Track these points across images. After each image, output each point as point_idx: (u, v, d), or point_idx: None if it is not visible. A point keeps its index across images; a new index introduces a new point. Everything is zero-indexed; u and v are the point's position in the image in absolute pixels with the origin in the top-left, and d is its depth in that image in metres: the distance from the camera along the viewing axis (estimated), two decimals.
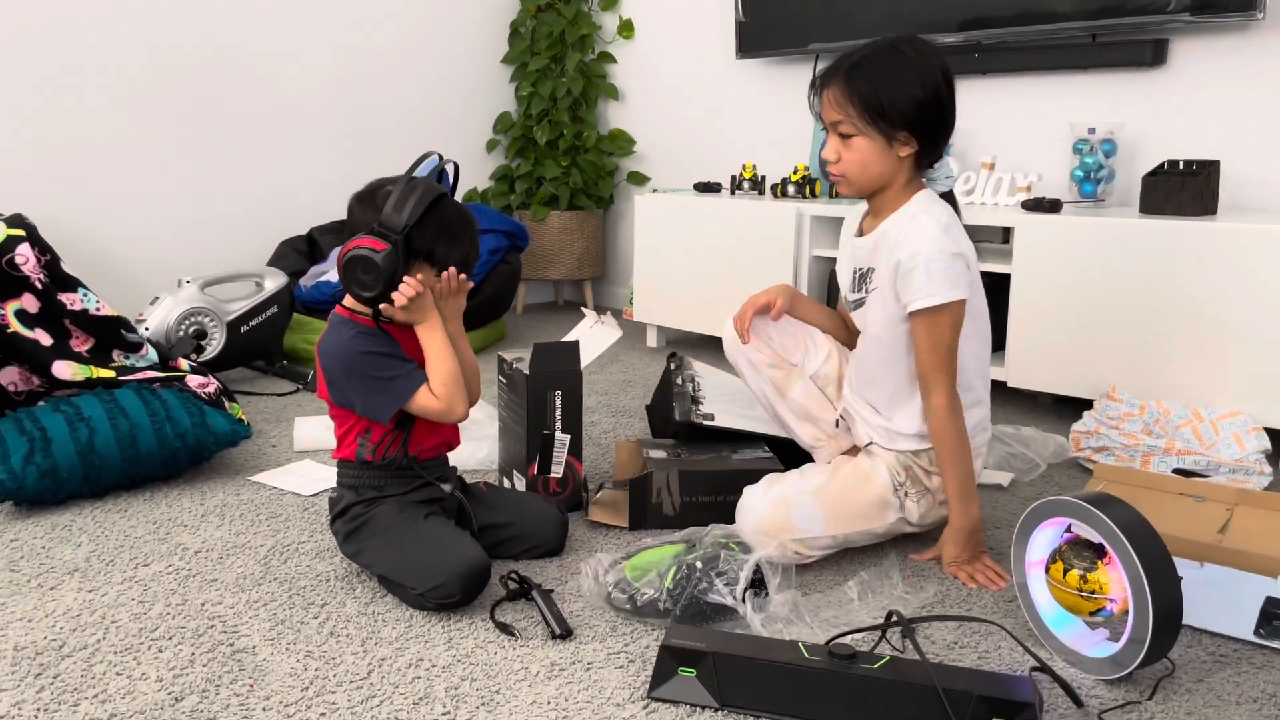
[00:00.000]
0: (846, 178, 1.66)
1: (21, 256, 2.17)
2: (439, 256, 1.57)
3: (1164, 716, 1.25)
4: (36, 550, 1.73)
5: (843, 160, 1.64)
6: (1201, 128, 2.65)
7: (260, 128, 3.55)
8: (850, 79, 1.60)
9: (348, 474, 1.64)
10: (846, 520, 1.68)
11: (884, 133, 1.60)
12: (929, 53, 1.61)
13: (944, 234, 1.61)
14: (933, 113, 1.60)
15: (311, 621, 1.48)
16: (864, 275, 1.73)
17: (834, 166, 1.66)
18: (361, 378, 1.57)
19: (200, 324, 2.82)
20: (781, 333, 1.89)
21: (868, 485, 1.71)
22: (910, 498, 1.71)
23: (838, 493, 1.69)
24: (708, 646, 1.28)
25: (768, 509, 1.66)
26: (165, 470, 2.04)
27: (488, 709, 1.26)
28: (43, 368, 2.12)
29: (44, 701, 1.26)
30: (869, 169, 1.64)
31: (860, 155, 1.63)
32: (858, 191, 1.68)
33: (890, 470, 1.71)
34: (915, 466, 1.72)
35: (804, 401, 1.87)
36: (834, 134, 1.65)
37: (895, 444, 1.73)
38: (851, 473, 1.73)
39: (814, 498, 1.68)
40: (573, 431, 1.88)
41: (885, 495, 1.70)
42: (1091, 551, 1.34)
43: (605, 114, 4.20)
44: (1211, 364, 2.23)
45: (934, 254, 1.59)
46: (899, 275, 1.63)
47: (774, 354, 1.88)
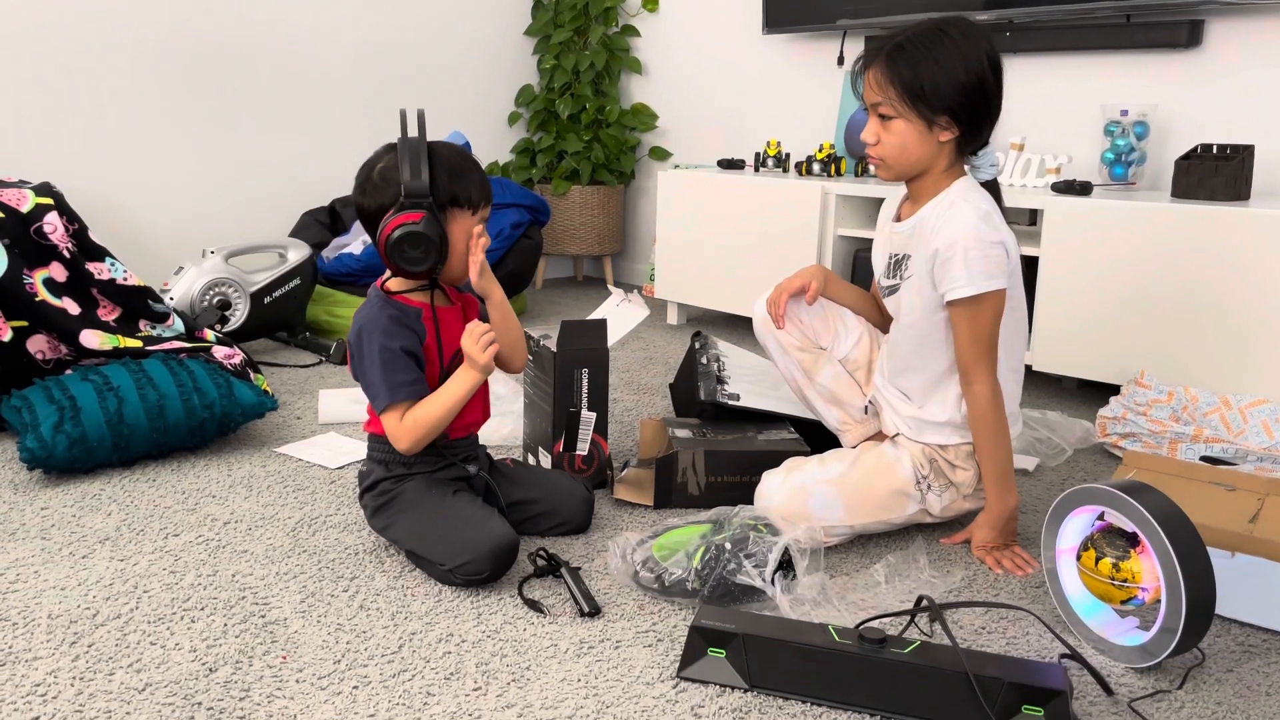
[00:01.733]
0: (885, 161, 1.64)
1: (50, 225, 2.17)
2: (463, 197, 1.56)
3: (1194, 706, 1.25)
4: (67, 519, 1.75)
5: (881, 143, 1.62)
6: (1236, 111, 2.62)
7: (283, 99, 3.54)
8: (892, 60, 1.57)
9: (378, 449, 1.64)
10: (865, 510, 1.68)
11: (924, 116, 1.58)
12: (976, 36, 1.58)
13: (984, 222, 1.59)
14: (976, 98, 1.58)
15: (341, 595, 1.49)
16: (899, 261, 1.71)
17: (873, 149, 1.64)
18: (371, 362, 1.56)
19: (224, 295, 2.82)
20: (812, 315, 1.87)
21: (889, 476, 1.70)
22: (933, 490, 1.70)
23: (857, 482, 1.69)
24: (738, 628, 1.28)
25: (785, 497, 1.67)
26: (192, 441, 2.05)
27: (518, 685, 1.27)
28: (70, 336, 2.13)
29: (79, 670, 1.28)
30: (908, 153, 1.61)
31: (899, 139, 1.60)
32: (896, 176, 1.66)
33: (915, 462, 1.70)
34: (941, 460, 1.71)
35: (832, 386, 1.86)
36: (874, 115, 1.62)
37: (924, 436, 1.72)
38: (874, 462, 1.72)
39: (833, 486, 1.67)
40: (599, 409, 1.88)
41: (906, 487, 1.69)
42: (1124, 540, 1.33)
43: (628, 88, 4.17)
44: (1241, 351, 2.21)
45: (972, 242, 1.57)
46: (936, 263, 1.61)
47: (804, 337, 1.86)
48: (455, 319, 1.64)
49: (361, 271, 3.21)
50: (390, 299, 1.60)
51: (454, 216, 1.56)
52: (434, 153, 1.55)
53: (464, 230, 1.56)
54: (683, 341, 3.19)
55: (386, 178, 1.54)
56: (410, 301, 1.60)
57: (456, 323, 1.64)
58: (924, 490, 1.70)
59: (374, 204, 1.56)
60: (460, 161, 1.57)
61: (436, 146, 1.57)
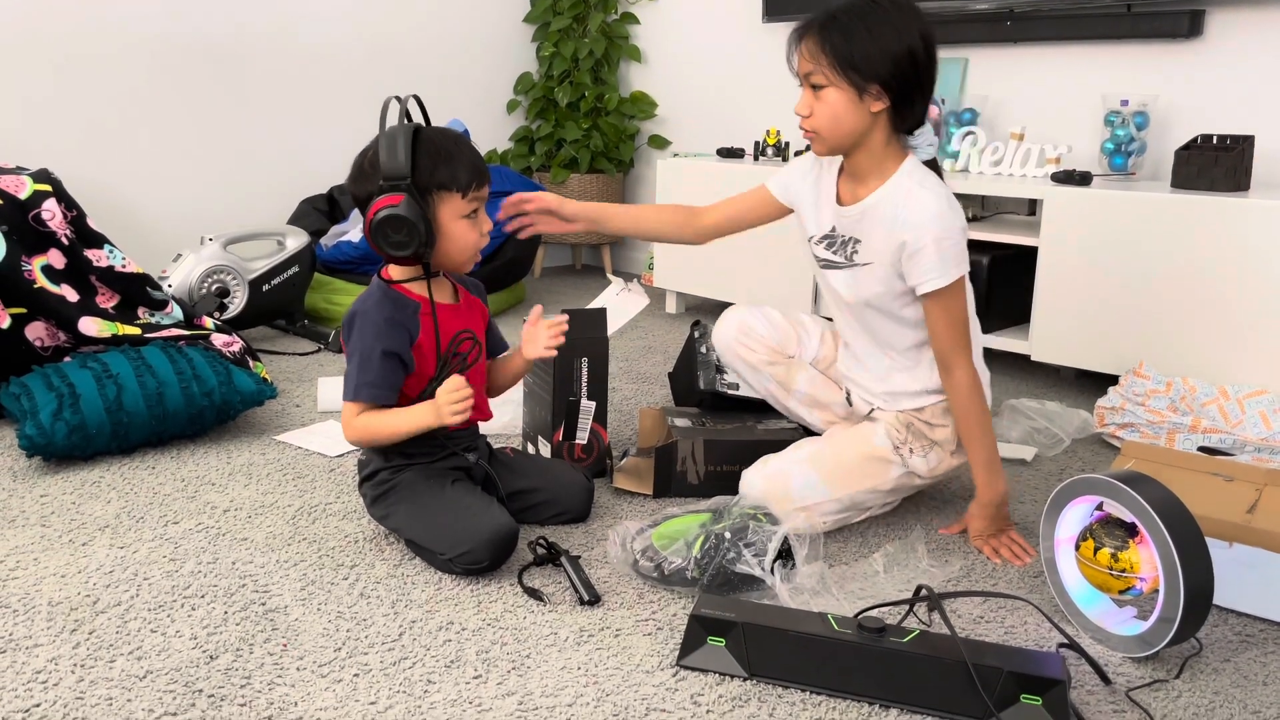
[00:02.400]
0: (819, 133, 1.62)
1: (48, 212, 2.17)
2: (449, 179, 1.53)
3: (1191, 695, 1.26)
4: (66, 506, 1.75)
5: (814, 114, 1.61)
6: (1237, 102, 2.61)
7: (282, 86, 3.53)
8: (825, 30, 1.57)
9: None
10: (847, 480, 1.68)
11: (855, 84, 1.57)
12: (908, 9, 1.58)
13: (949, 208, 1.60)
14: (906, 68, 1.56)
15: (341, 583, 1.49)
16: (845, 243, 1.71)
17: (806, 121, 1.63)
18: (351, 352, 1.57)
19: (223, 282, 2.82)
20: (772, 327, 1.89)
21: (864, 444, 1.71)
22: (915, 453, 1.71)
23: (833, 455, 1.70)
24: (737, 617, 1.29)
25: (764, 483, 1.67)
26: (192, 428, 2.05)
27: (519, 673, 1.27)
28: (69, 323, 2.13)
29: (80, 657, 1.28)
30: (840, 123, 1.60)
31: (831, 109, 1.59)
32: (830, 149, 1.65)
33: (889, 430, 1.71)
34: (917, 421, 1.72)
35: (809, 390, 1.87)
36: (807, 87, 1.62)
37: (899, 405, 1.74)
38: (848, 435, 1.74)
39: (809, 464, 1.68)
40: (598, 399, 1.88)
41: (884, 453, 1.70)
42: (1123, 530, 1.34)
43: (627, 76, 4.16)
44: (1239, 341, 2.22)
45: (943, 232, 1.58)
46: (905, 255, 1.61)
47: (770, 350, 1.88)
48: (456, 316, 1.63)
49: (360, 259, 3.20)
50: (390, 289, 1.59)
51: (442, 199, 1.54)
52: (421, 136, 1.53)
53: (454, 213, 1.55)
54: (682, 330, 3.19)
55: (375, 165, 1.53)
56: (410, 293, 1.59)
57: (457, 320, 1.63)
58: (905, 455, 1.70)
59: (364, 192, 1.55)
60: (446, 143, 1.55)
61: (426, 130, 1.55)
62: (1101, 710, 1.22)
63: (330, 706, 1.19)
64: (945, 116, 3.05)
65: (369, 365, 1.54)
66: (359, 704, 1.20)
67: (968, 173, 2.89)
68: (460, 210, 1.55)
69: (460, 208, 1.55)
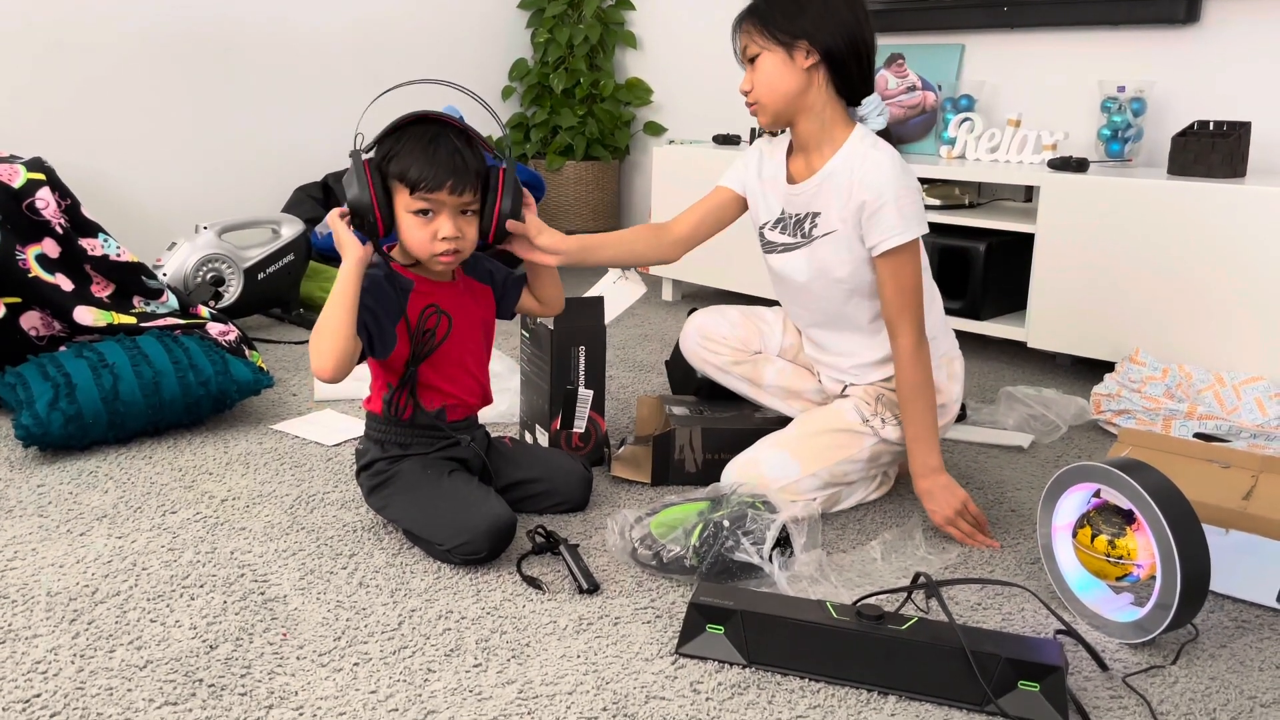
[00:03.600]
0: (760, 103, 1.66)
1: (42, 201, 2.16)
2: (399, 172, 1.50)
3: (1187, 681, 1.27)
4: (64, 496, 1.75)
5: (754, 86, 1.65)
6: (1233, 88, 2.61)
7: (275, 73, 3.51)
8: (754, 10, 1.65)
9: (374, 428, 1.64)
10: (819, 455, 1.69)
11: (782, 43, 1.61)
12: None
13: (903, 169, 1.62)
14: (830, 23, 1.60)
15: (340, 572, 1.49)
16: (801, 220, 1.72)
17: (749, 96, 1.67)
18: None
19: (218, 270, 2.81)
20: (733, 328, 1.91)
21: (834, 419, 1.73)
22: (888, 423, 1.72)
23: (800, 434, 1.72)
24: (736, 604, 1.29)
25: (738, 473, 1.69)
26: (188, 418, 2.04)
27: (518, 661, 1.27)
28: (64, 313, 2.12)
29: (79, 647, 1.28)
30: (776, 86, 1.63)
31: (766, 74, 1.63)
32: (773, 117, 1.67)
33: (857, 405, 1.73)
34: (887, 392, 1.74)
35: (780, 381, 1.89)
36: (746, 62, 1.67)
37: (868, 377, 1.76)
38: (816, 414, 1.76)
39: (778, 447, 1.70)
40: (596, 387, 1.88)
41: (853, 425, 1.72)
42: (1120, 517, 1.34)
43: (623, 62, 4.14)
44: (1236, 328, 2.22)
45: (901, 189, 1.60)
46: (864, 216, 1.62)
47: (733, 350, 1.90)
48: (448, 296, 1.62)
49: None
50: (386, 264, 1.57)
51: (395, 188, 1.52)
52: (414, 125, 1.53)
53: (403, 206, 1.51)
54: (678, 318, 3.19)
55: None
56: (405, 273, 1.59)
57: (449, 300, 1.62)
58: (875, 426, 1.71)
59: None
60: (424, 138, 1.50)
61: (427, 122, 1.54)
62: (1099, 696, 1.23)
63: (331, 695, 1.19)
64: (942, 103, 3.04)
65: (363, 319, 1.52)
66: (359, 693, 1.20)
67: (964, 159, 2.89)
68: (407, 205, 1.51)
69: (407, 202, 1.51)
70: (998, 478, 1.93)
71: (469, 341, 1.66)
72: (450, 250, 1.53)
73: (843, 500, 1.75)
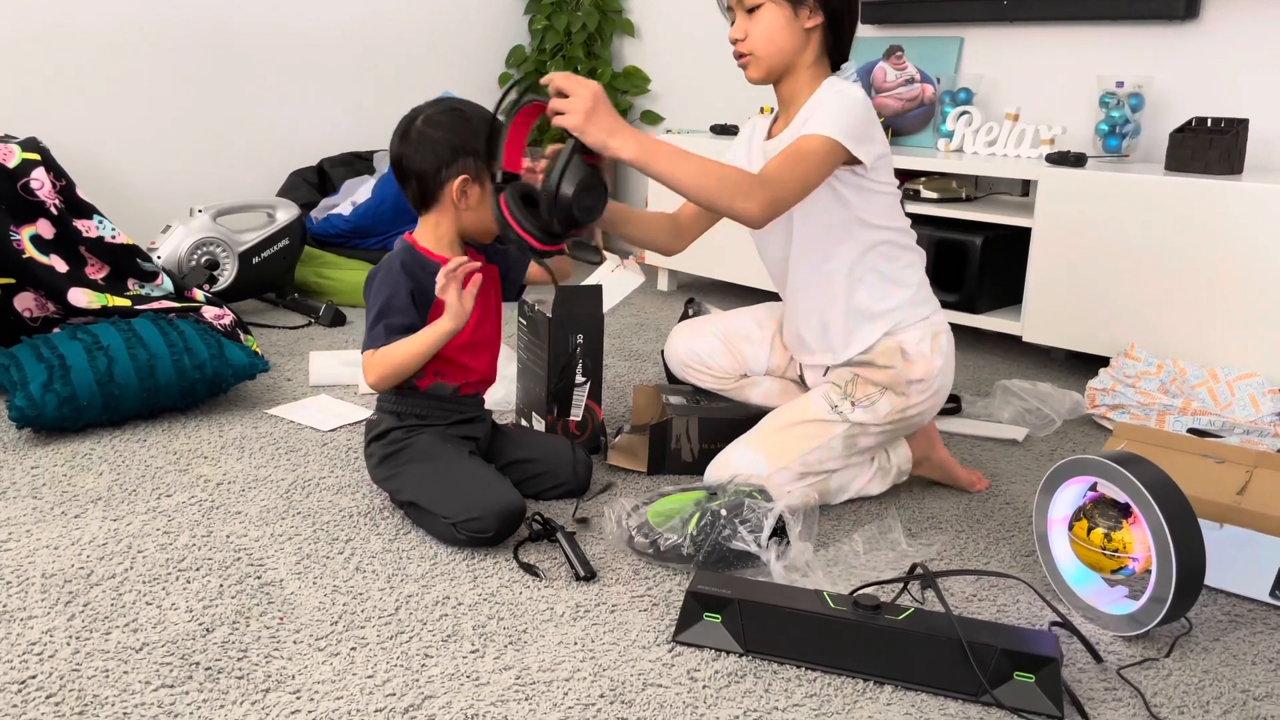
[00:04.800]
0: (755, 55, 1.63)
1: (37, 181, 2.14)
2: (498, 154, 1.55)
3: (1181, 674, 1.28)
4: (58, 478, 1.74)
5: (749, 36, 1.63)
6: (1232, 84, 2.62)
7: (272, 57, 3.49)
8: None
9: (390, 400, 1.65)
10: (785, 448, 1.66)
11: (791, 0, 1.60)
12: None
13: (856, 99, 1.58)
14: None
15: (337, 556, 1.49)
16: None
17: (741, 45, 1.64)
18: (374, 301, 1.60)
19: (212, 254, 2.79)
20: (716, 356, 1.90)
21: (800, 412, 1.70)
22: (858, 405, 1.67)
23: (767, 430, 1.70)
24: (734, 593, 1.29)
25: (710, 474, 1.69)
26: (183, 401, 2.04)
27: (515, 647, 1.27)
28: (58, 294, 2.11)
29: (75, 629, 1.28)
30: (775, 40, 1.61)
31: (767, 27, 1.61)
32: (765, 72, 1.65)
33: (825, 394, 1.70)
34: (860, 375, 1.69)
35: (765, 402, 1.89)
36: (740, 13, 1.63)
37: (850, 349, 1.72)
38: (784, 407, 1.74)
39: (747, 446, 1.69)
40: (593, 376, 1.88)
41: (820, 414, 1.68)
42: (1116, 511, 1.35)
43: (620, 50, 4.13)
44: (1231, 325, 2.23)
45: (849, 104, 1.57)
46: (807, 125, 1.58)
47: (717, 379, 1.91)
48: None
49: (350, 233, 3.18)
50: (414, 249, 1.62)
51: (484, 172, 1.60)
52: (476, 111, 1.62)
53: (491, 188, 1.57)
54: (674, 308, 3.19)
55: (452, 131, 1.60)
56: (431, 255, 1.61)
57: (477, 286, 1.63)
58: (844, 412, 1.68)
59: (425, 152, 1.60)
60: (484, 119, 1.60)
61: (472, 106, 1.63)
62: (1093, 688, 1.23)
63: (328, 679, 1.19)
64: (940, 95, 3.04)
65: (393, 306, 1.57)
66: (356, 677, 1.20)
67: (962, 152, 2.89)
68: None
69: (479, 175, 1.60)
70: (992, 470, 1.94)
71: (490, 319, 1.70)
72: None
73: (838, 492, 1.74)
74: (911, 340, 1.69)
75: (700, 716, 1.16)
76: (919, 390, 1.69)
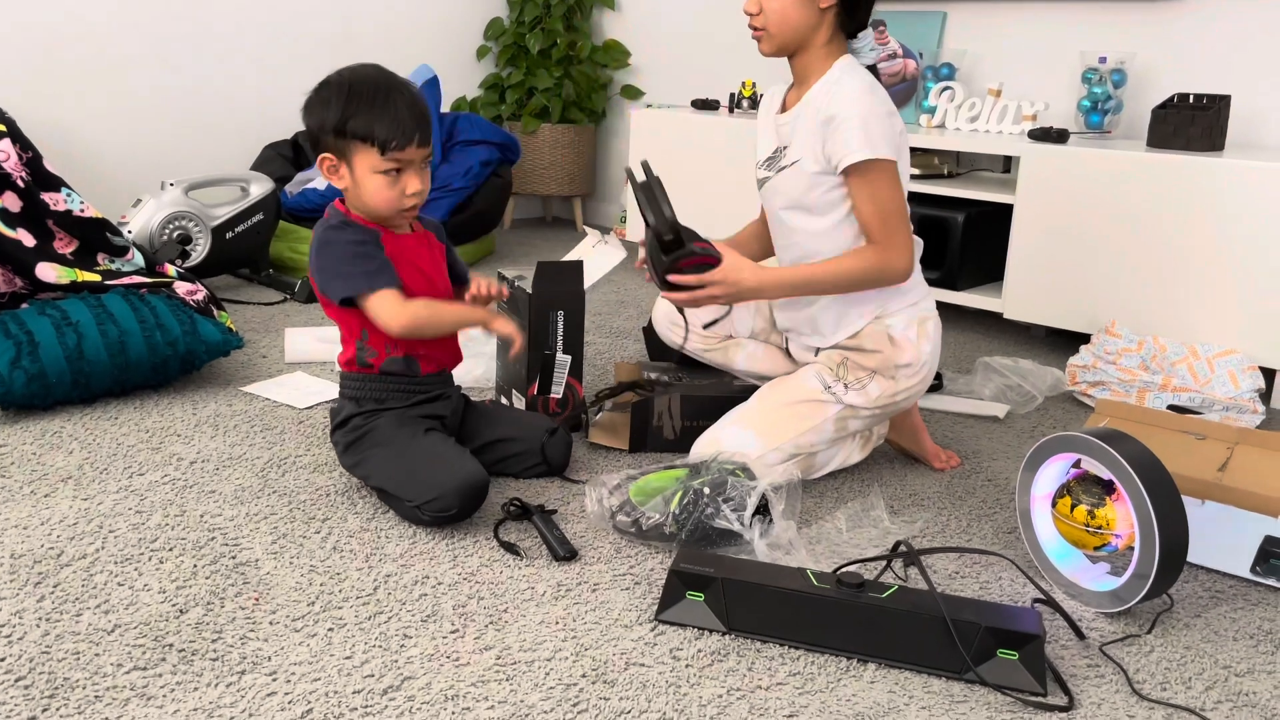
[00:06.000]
0: (768, 31, 1.62)
1: (2, 153, 2.09)
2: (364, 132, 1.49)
3: (1163, 650, 1.28)
4: (27, 456, 1.70)
5: (764, 11, 1.61)
6: (1214, 61, 2.61)
7: (245, 27, 3.42)
8: None
9: (349, 385, 1.61)
10: (780, 428, 1.65)
11: None
12: None
13: (872, 92, 1.59)
14: None
15: (314, 536, 1.47)
16: (780, 152, 1.69)
17: (755, 19, 1.63)
18: (331, 256, 1.54)
19: (185, 229, 2.74)
20: (700, 314, 1.87)
21: (794, 391, 1.69)
22: (851, 388, 1.67)
23: (760, 409, 1.69)
24: (716, 572, 1.28)
25: (697, 451, 1.67)
26: (155, 378, 2.00)
27: (496, 627, 1.26)
28: (26, 269, 2.06)
29: (45, 610, 1.25)
30: (789, 18, 1.60)
31: (781, 4, 1.59)
32: (777, 47, 1.64)
33: (819, 372, 1.69)
34: (852, 353, 1.68)
35: (749, 367, 1.88)
36: None
37: (836, 335, 1.71)
38: (777, 386, 1.72)
39: (738, 424, 1.67)
40: (574, 353, 1.86)
41: (814, 395, 1.67)
42: (1100, 487, 1.34)
43: (600, 23, 4.08)
44: (1210, 301, 2.23)
45: (870, 110, 1.56)
46: (829, 132, 1.58)
47: (702, 338, 1.89)
48: (413, 248, 1.60)
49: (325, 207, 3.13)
50: (348, 218, 1.57)
51: (356, 149, 1.50)
52: (357, 81, 1.51)
53: (368, 167, 1.50)
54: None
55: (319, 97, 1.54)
56: (365, 222, 1.57)
57: (414, 252, 1.60)
58: (838, 393, 1.67)
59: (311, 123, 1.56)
60: (378, 94, 1.50)
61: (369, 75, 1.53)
62: (1076, 665, 1.23)
63: (305, 660, 1.17)
64: (923, 71, 3.02)
65: (367, 256, 1.53)
66: (334, 658, 1.18)
67: (944, 128, 2.87)
68: (374, 165, 1.50)
69: (374, 163, 1.50)
70: (974, 447, 1.93)
71: (439, 293, 1.63)
72: (416, 205, 1.55)
73: (821, 466, 1.73)
74: (899, 326, 1.67)
75: (683, 696, 1.14)
76: (906, 375, 1.68)
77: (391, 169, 1.50)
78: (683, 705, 1.13)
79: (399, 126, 1.49)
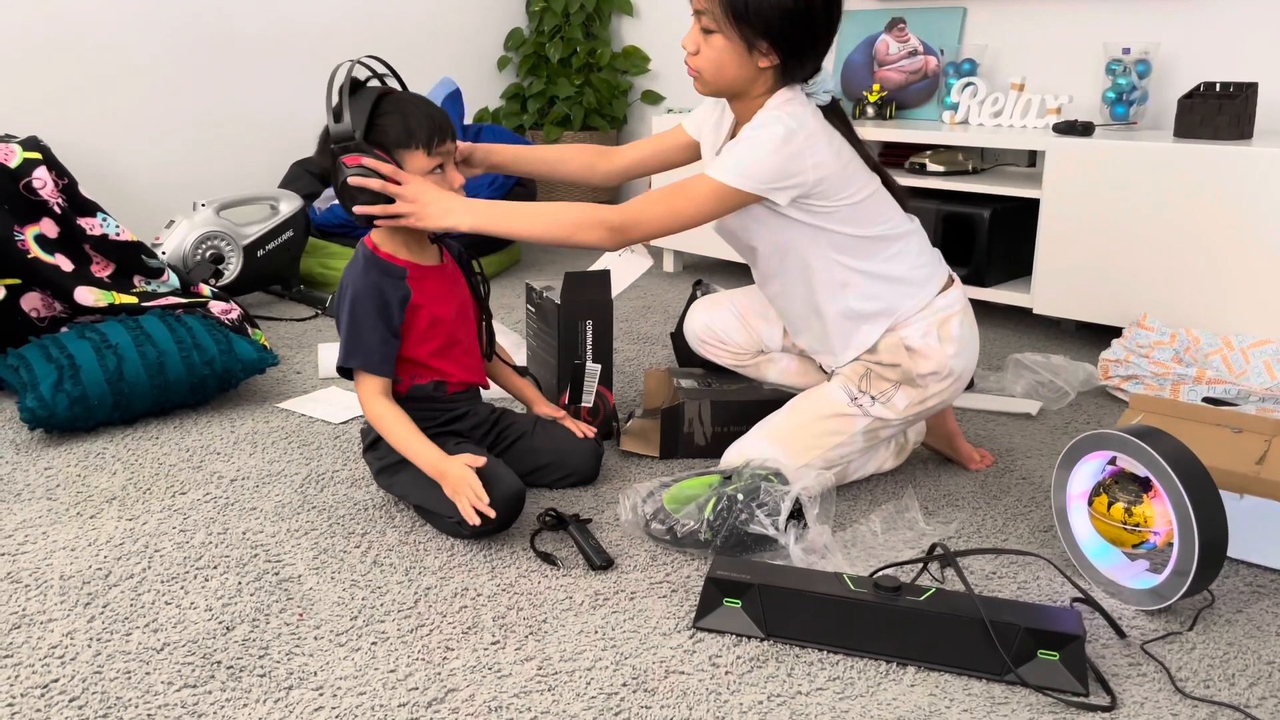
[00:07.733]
0: (701, 75, 1.56)
1: (39, 180, 2.13)
2: (406, 136, 1.51)
3: (1205, 647, 1.27)
4: (72, 478, 1.74)
5: (701, 55, 1.55)
6: (1240, 49, 2.59)
7: (270, 47, 3.47)
8: None
9: None
10: (805, 445, 1.63)
11: (745, 38, 1.50)
12: None
13: (787, 138, 1.49)
14: (801, 27, 1.49)
15: (354, 551, 1.49)
16: None
17: (691, 59, 1.57)
18: (347, 311, 1.56)
19: (217, 248, 2.78)
20: (732, 333, 1.88)
21: (821, 405, 1.66)
22: (878, 400, 1.64)
23: (786, 426, 1.67)
24: (753, 578, 1.29)
25: (728, 460, 1.67)
26: (193, 398, 2.03)
27: (536, 638, 1.27)
28: (65, 293, 2.10)
29: (95, 631, 1.28)
30: (724, 72, 1.54)
31: (717, 55, 1.52)
32: (712, 92, 1.59)
33: (844, 384, 1.66)
34: (874, 366, 1.64)
35: (783, 380, 1.88)
36: (697, 24, 1.55)
37: (849, 349, 1.67)
38: (804, 400, 1.69)
39: (765, 439, 1.66)
40: (603, 361, 1.87)
41: (840, 408, 1.65)
42: (1137, 485, 1.34)
43: (619, 30, 4.09)
44: (1243, 292, 2.21)
45: (763, 144, 1.49)
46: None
47: (734, 355, 1.90)
48: (442, 280, 1.62)
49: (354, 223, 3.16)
50: (376, 256, 1.58)
51: (403, 157, 1.52)
52: (382, 98, 1.53)
53: (418, 170, 1.52)
54: (681, 290, 3.18)
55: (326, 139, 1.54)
56: (395, 259, 1.58)
57: (443, 285, 1.62)
58: (864, 405, 1.64)
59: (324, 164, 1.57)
60: (400, 100, 1.54)
61: (378, 89, 1.55)
62: (1117, 664, 1.23)
63: (350, 675, 1.19)
64: (944, 67, 3.01)
65: (374, 329, 1.54)
66: (379, 672, 1.20)
67: (967, 124, 2.86)
68: (423, 166, 1.53)
69: (423, 164, 1.52)
70: (1007, 445, 1.93)
71: (466, 323, 1.66)
72: None
73: (854, 473, 1.73)
74: (915, 334, 1.61)
75: (724, 703, 1.15)
76: (934, 381, 1.63)
77: (438, 165, 1.54)
78: (724, 712, 1.14)
79: (431, 120, 1.53)
